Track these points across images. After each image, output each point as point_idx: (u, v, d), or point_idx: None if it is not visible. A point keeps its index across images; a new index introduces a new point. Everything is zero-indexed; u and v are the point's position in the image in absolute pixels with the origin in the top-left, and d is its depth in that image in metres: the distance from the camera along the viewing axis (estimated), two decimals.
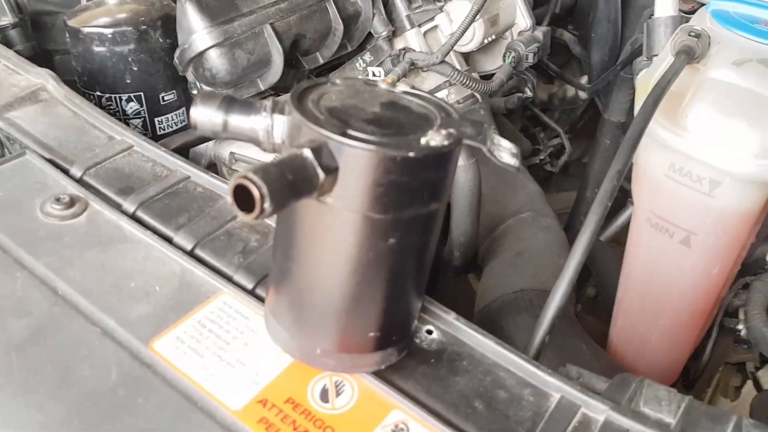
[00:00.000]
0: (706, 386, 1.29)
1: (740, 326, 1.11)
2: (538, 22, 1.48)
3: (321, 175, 0.48)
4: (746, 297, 1.08)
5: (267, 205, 0.44)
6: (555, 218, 1.26)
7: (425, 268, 0.57)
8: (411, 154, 0.48)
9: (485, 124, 0.54)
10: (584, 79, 1.83)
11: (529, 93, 1.48)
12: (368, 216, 0.50)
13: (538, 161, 1.78)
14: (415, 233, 0.53)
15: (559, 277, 0.72)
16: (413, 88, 0.58)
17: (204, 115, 0.53)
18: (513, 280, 1.10)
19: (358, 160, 0.48)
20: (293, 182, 0.46)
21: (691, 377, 1.21)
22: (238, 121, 0.53)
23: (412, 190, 0.50)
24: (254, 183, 0.44)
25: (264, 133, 0.53)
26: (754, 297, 1.05)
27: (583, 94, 1.84)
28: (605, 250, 1.39)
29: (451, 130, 0.51)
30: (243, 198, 0.44)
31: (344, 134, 0.48)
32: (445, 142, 0.50)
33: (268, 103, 0.53)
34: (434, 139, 0.50)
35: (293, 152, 0.48)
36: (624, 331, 1.10)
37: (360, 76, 1.19)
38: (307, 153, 0.47)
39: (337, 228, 0.51)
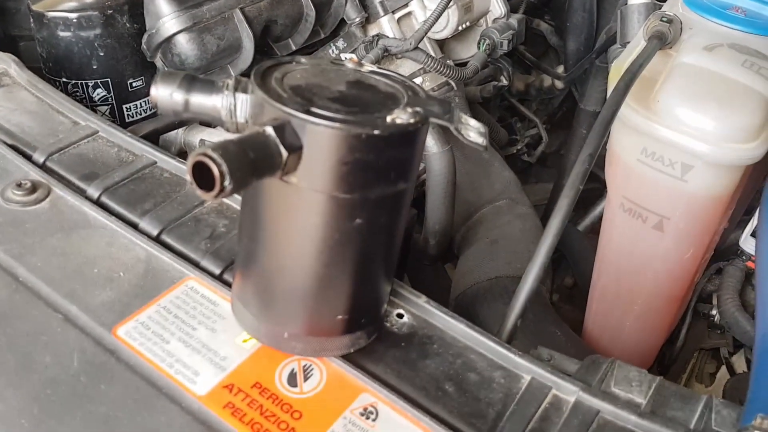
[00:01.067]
0: (681, 372, 1.29)
1: (714, 311, 1.11)
2: (514, 10, 1.48)
3: (284, 153, 0.47)
4: (719, 282, 1.08)
5: (227, 183, 0.43)
6: (530, 206, 1.26)
7: (394, 250, 0.56)
8: (376, 132, 0.47)
9: (452, 103, 0.53)
10: (561, 69, 1.83)
11: (504, 81, 1.48)
12: (334, 196, 0.49)
13: (515, 151, 1.78)
14: (382, 214, 0.52)
15: (531, 261, 0.71)
16: (380, 67, 0.57)
17: (164, 93, 0.51)
18: (488, 267, 1.09)
19: (322, 138, 0.47)
20: (254, 160, 0.45)
21: (666, 362, 1.21)
22: (200, 99, 0.52)
23: (378, 168, 0.49)
24: (213, 160, 0.43)
25: (226, 112, 0.51)
26: (726, 282, 1.06)
27: (559, 84, 1.85)
28: (582, 240, 1.40)
29: (418, 109, 0.50)
30: (202, 176, 0.43)
31: (308, 112, 0.47)
32: (411, 120, 0.49)
33: (230, 81, 0.52)
34: (400, 117, 0.49)
35: (255, 130, 0.47)
36: (599, 316, 1.10)
37: None
38: (270, 131, 0.46)
39: (302, 208, 0.50)
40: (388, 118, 0.49)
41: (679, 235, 0.94)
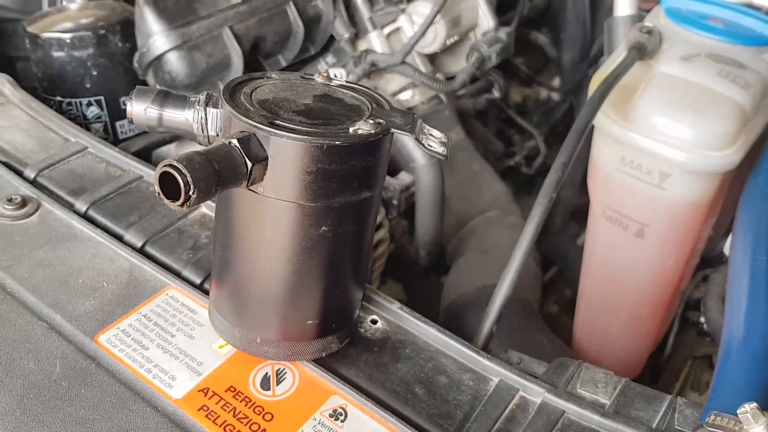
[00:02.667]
0: (674, 380, 1.30)
1: (702, 319, 1.12)
2: (507, 23, 1.50)
3: (249, 164, 0.49)
4: (705, 289, 1.10)
5: (191, 192, 0.45)
6: (521, 216, 1.28)
7: (362, 256, 0.58)
8: (337, 142, 0.49)
9: (415, 115, 0.55)
10: (558, 81, 1.86)
11: (496, 94, 1.50)
12: (299, 204, 0.51)
13: (513, 164, 1.80)
14: (347, 221, 0.54)
15: (506, 268, 0.73)
16: (348, 81, 0.59)
17: (138, 109, 0.54)
18: (477, 277, 1.11)
19: (285, 149, 0.49)
20: (219, 171, 0.47)
21: (657, 370, 1.22)
22: (173, 114, 0.54)
23: (342, 177, 0.51)
24: (179, 171, 0.45)
25: (198, 125, 0.54)
26: (712, 289, 1.07)
27: (555, 96, 1.87)
28: (578, 253, 1.41)
29: (380, 120, 0.53)
30: (169, 186, 0.45)
31: (272, 124, 0.50)
32: (372, 131, 0.51)
33: (201, 96, 0.54)
34: (362, 128, 0.51)
35: (221, 142, 0.49)
36: (586, 324, 1.11)
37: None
38: (234, 143, 0.49)
39: (269, 217, 0.52)
40: (350, 129, 0.51)
41: (660, 242, 0.96)
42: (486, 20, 1.34)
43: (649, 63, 0.97)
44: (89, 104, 1.00)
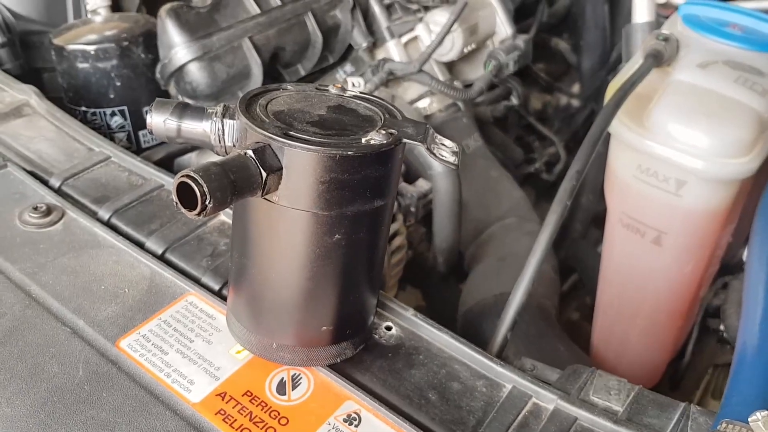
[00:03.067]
0: (695, 388, 1.29)
1: (722, 326, 1.11)
2: (525, 30, 1.51)
3: (263, 174, 0.50)
4: (724, 297, 1.09)
5: (208, 202, 0.47)
6: (539, 223, 1.28)
7: (376, 264, 0.59)
8: (349, 153, 0.51)
9: (427, 125, 0.56)
10: (578, 87, 1.85)
11: (514, 101, 1.50)
12: (313, 213, 0.53)
13: (533, 170, 1.80)
14: (360, 229, 0.55)
15: (520, 276, 0.74)
16: (362, 92, 0.61)
17: (158, 121, 0.56)
18: (494, 284, 1.12)
19: (299, 160, 0.51)
20: (235, 181, 0.48)
21: (676, 378, 1.22)
22: (191, 126, 0.56)
23: (354, 187, 0.52)
24: (195, 181, 0.46)
25: (215, 136, 0.55)
26: (731, 296, 1.06)
27: (575, 102, 1.87)
28: (597, 259, 1.41)
29: (392, 130, 0.54)
30: (186, 196, 0.47)
31: (286, 135, 0.51)
32: (384, 141, 0.52)
33: (218, 108, 0.56)
34: (374, 138, 0.52)
35: (237, 153, 0.50)
36: (603, 331, 1.11)
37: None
38: (250, 153, 0.50)
39: (284, 225, 0.54)
40: (363, 140, 0.52)
41: (677, 249, 0.96)
42: (503, 28, 1.35)
43: (666, 70, 0.97)
44: (113, 114, 1.02)
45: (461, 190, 1.13)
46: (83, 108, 1.02)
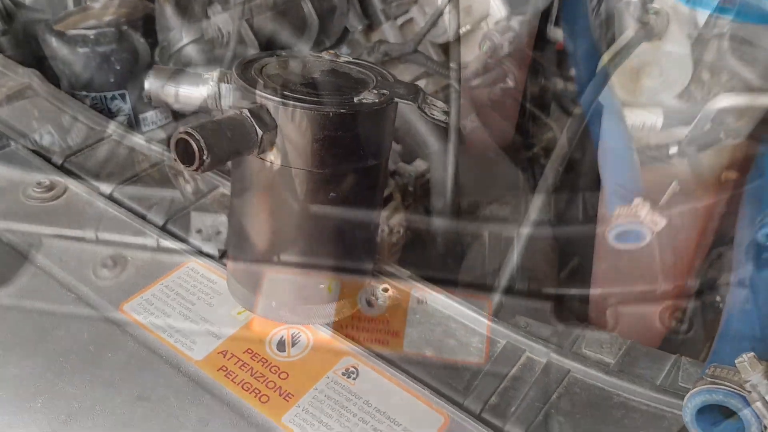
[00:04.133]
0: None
1: (718, 298, 1.13)
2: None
3: (259, 133, 0.52)
4: (719, 267, 1.10)
5: (206, 157, 0.48)
6: None
7: (371, 223, 0.61)
8: (342, 111, 0.52)
9: (419, 87, 0.58)
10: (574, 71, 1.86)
11: (510, 83, 1.51)
12: (308, 171, 0.54)
13: (531, 155, 1.81)
14: (356, 188, 0.57)
15: (515, 239, 0.76)
16: (355, 58, 0.62)
17: (157, 86, 0.57)
18: (491, 262, 1.13)
19: (293, 118, 0.52)
20: (231, 138, 0.50)
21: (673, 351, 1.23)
22: (188, 91, 0.57)
23: (348, 145, 0.54)
24: (193, 137, 0.48)
25: (212, 100, 0.57)
26: (726, 266, 1.08)
27: (572, 86, 1.87)
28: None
29: (384, 90, 0.55)
30: (184, 152, 0.49)
31: (281, 95, 0.53)
32: (376, 100, 0.54)
33: (215, 73, 0.57)
34: (367, 98, 0.54)
35: (233, 112, 0.52)
36: (600, 304, 1.12)
37: None
38: (246, 113, 0.52)
39: (280, 184, 0.55)
40: (355, 99, 0.54)
41: (669, 218, 0.97)
42: (498, 9, 1.36)
43: (657, 43, 0.98)
44: (113, 98, 1.04)
45: (459, 169, 1.15)
46: (84, 92, 1.04)
